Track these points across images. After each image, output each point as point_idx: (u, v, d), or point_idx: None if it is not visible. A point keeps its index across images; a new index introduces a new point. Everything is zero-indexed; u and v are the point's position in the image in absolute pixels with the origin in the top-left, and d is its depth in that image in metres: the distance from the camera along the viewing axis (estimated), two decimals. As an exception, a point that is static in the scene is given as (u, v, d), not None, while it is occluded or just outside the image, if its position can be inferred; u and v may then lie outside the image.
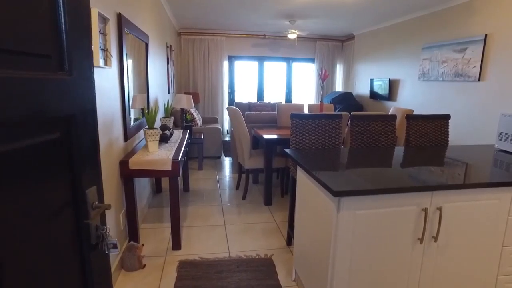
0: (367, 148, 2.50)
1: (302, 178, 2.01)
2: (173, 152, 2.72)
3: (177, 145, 3.03)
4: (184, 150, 3.04)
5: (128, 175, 2.45)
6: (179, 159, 2.53)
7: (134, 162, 2.44)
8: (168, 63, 5.62)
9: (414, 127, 2.71)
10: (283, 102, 8.63)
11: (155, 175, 2.50)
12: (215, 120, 7.36)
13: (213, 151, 5.70)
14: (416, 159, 2.20)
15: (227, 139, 7.31)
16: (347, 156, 2.23)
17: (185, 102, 4.87)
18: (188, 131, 3.90)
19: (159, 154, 2.62)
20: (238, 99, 8.42)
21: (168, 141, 3.17)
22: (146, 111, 2.71)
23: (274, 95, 8.59)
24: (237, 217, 3.37)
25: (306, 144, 2.49)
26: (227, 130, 8.15)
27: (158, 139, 2.72)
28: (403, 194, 1.57)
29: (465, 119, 4.46)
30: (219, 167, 5.31)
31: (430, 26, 5.11)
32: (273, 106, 7.68)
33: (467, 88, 4.40)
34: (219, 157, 5.86)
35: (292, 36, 6.72)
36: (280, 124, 4.49)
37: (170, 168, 2.48)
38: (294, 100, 8.66)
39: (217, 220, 3.29)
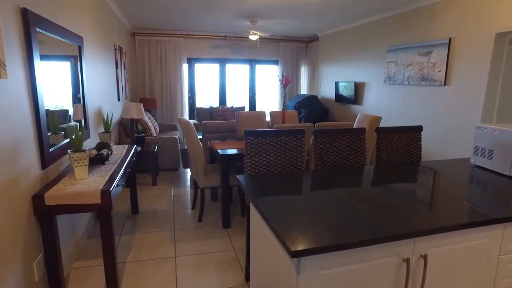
0: (334, 170, 2.17)
1: (256, 217, 1.64)
2: (107, 178, 2.25)
3: (115, 167, 2.56)
4: (124, 173, 2.58)
5: (45, 213, 1.96)
6: (112, 188, 2.08)
7: (52, 196, 1.95)
8: (117, 67, 5.07)
9: (385, 141, 2.42)
10: (247, 106, 8.28)
11: (82, 210, 2.03)
12: (174, 128, 6.86)
13: (170, 163, 5.22)
14: (390, 186, 1.89)
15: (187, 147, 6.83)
16: (310, 184, 1.88)
17: (135, 111, 4.37)
18: (135, 146, 3.42)
19: (88, 183, 2.14)
20: (199, 103, 7.97)
21: (106, 162, 2.69)
22: (70, 131, 2.22)
23: (237, 99, 8.21)
24: (191, 245, 2.94)
25: (263, 167, 2.13)
26: (188, 137, 7.65)
27: (87, 163, 2.24)
28: (380, 244, 1.23)
29: (432, 124, 4.31)
30: (176, 181, 4.84)
31: (395, 28, 4.94)
32: (236, 110, 7.29)
33: (433, 93, 4.25)
34: (177, 169, 5.39)
35: (253, 37, 6.37)
36: (240, 134, 4.11)
37: (99, 202, 2.02)
38: (258, 104, 8.34)
39: (167, 250, 2.85)
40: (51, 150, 2.23)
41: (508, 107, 4.40)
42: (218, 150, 3.21)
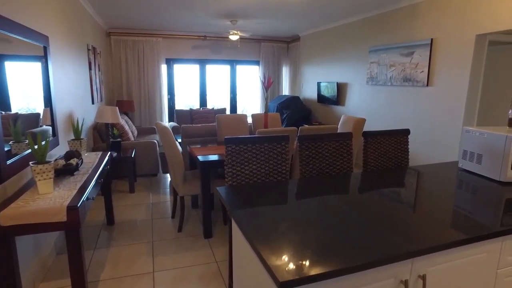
0: (320, 179, 2.06)
1: (238, 234, 1.50)
2: (76, 191, 2.06)
3: (86, 177, 2.36)
4: (96, 183, 2.38)
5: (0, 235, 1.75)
6: (80, 203, 1.88)
7: (9, 216, 1.74)
8: (90, 68, 4.82)
9: (372, 146, 2.33)
10: (228, 107, 8.11)
11: (45, 229, 1.82)
12: (153, 131, 6.62)
13: (149, 168, 5.00)
14: (380, 196, 1.79)
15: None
16: (297, 195, 1.75)
17: (110, 115, 4.14)
18: (110, 152, 3.21)
19: (53, 198, 1.94)
20: (179, 105, 7.75)
21: (75, 173, 2.48)
22: (32, 141, 2.01)
23: (218, 100, 8.04)
24: (170, 258, 2.77)
25: (246, 176, 1.98)
26: (168, 140, 7.40)
27: (52, 176, 2.04)
28: (376, 268, 1.11)
29: (415, 126, 4.28)
30: (155, 187, 4.63)
31: (377, 28, 4.90)
32: (217, 112, 7.13)
33: (416, 94, 4.22)
34: (156, 175, 5.17)
35: (234, 37, 6.22)
36: (221, 138, 3.96)
37: (64, 219, 1.82)
38: (240, 105, 8.19)
39: (145, 265, 2.67)
40: (10, 161, 2.02)
41: (487, 108, 4.43)
42: (198, 157, 3.04)
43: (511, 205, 1.62)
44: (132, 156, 4.35)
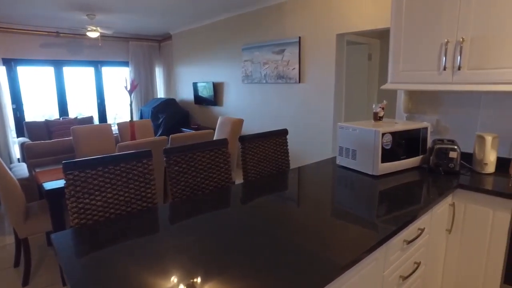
0: (195, 199, 1.74)
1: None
2: None
3: None
4: None
5: None
6: None
7: None
8: None
9: (250, 151, 2.12)
10: (96, 115, 7.11)
11: None
12: (-7, 151, 5.25)
13: (-14, 201, 3.87)
14: (265, 213, 1.58)
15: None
16: (168, 224, 1.39)
17: None
18: None
19: None
20: (31, 116, 6.38)
21: None
22: None
23: (84, 108, 6.96)
24: (11, 326, 2.06)
25: (99, 209, 1.52)
26: (18, 159, 6.03)
27: None
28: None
29: (292, 123, 4.35)
30: (-4, 225, 3.59)
31: (248, 26, 4.84)
32: (82, 122, 6.12)
33: (290, 91, 4.30)
34: (-2, 208, 4.06)
35: (93, 34, 5.38)
36: (80, 155, 3.27)
37: None
38: (110, 112, 7.26)
39: None
40: None
41: (350, 103, 4.83)
42: (44, 184, 2.37)
43: (386, 201, 1.61)
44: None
